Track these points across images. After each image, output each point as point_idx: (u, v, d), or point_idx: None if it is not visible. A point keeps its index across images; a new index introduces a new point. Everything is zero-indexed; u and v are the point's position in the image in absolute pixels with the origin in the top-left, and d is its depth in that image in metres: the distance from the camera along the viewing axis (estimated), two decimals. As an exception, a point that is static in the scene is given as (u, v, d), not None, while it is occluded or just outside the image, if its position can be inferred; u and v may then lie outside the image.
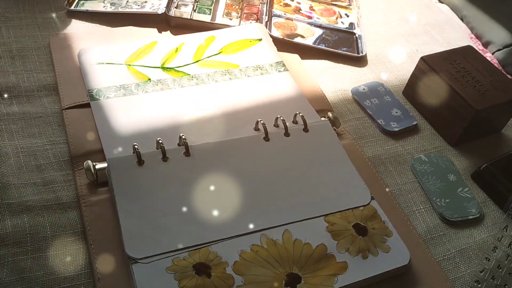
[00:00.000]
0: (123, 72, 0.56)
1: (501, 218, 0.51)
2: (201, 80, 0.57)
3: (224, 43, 0.62)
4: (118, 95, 0.54)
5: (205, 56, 0.60)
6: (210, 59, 0.60)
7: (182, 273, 0.39)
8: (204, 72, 0.58)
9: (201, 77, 0.57)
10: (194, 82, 0.56)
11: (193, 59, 0.59)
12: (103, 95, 0.53)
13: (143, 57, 0.59)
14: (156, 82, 0.56)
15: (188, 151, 0.47)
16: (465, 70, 0.58)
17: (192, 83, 0.56)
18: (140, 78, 0.56)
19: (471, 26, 0.78)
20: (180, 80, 0.56)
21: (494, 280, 0.44)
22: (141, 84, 0.55)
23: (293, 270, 0.41)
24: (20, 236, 0.41)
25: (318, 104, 0.58)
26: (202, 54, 0.60)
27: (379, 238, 0.44)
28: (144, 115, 0.52)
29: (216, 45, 0.62)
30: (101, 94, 0.53)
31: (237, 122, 0.53)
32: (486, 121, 0.57)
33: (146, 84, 0.55)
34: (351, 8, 0.77)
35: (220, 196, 0.45)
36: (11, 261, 0.40)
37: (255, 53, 0.62)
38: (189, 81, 0.56)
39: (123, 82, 0.55)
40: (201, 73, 0.58)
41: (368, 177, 0.50)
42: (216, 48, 0.62)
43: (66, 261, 0.41)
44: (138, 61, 0.58)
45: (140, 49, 0.59)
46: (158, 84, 0.56)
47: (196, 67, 0.59)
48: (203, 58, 0.60)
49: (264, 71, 0.60)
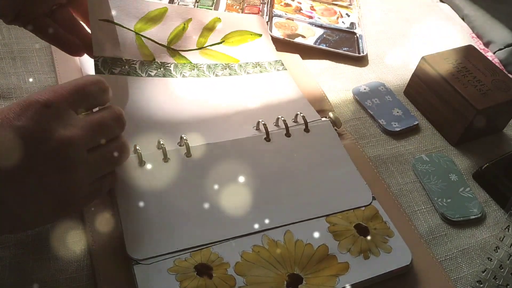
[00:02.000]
0: (130, 41, 0.55)
1: (503, 218, 0.51)
2: (202, 71, 0.57)
3: (227, 30, 0.62)
4: (122, 71, 0.52)
5: (208, 44, 0.60)
6: (212, 48, 0.60)
7: (183, 274, 0.39)
8: (206, 62, 0.58)
9: (202, 69, 0.57)
10: (195, 73, 0.56)
11: (197, 45, 0.59)
12: (107, 69, 0.51)
13: (152, 26, 0.57)
14: (160, 65, 0.55)
15: (189, 152, 0.47)
16: (466, 69, 0.58)
17: (193, 73, 0.56)
18: (146, 55, 0.55)
19: (472, 25, 0.78)
20: (182, 68, 0.56)
21: (496, 280, 0.44)
22: (146, 64, 0.54)
23: (294, 270, 0.41)
24: (21, 237, 0.41)
25: (319, 104, 0.58)
26: (206, 40, 0.60)
27: (380, 239, 0.44)
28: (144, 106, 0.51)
29: (220, 31, 0.61)
30: (106, 67, 0.51)
31: (237, 120, 0.53)
32: (488, 121, 0.57)
33: (150, 65, 0.55)
34: (352, 8, 0.77)
35: (221, 197, 0.45)
36: (12, 262, 0.40)
37: (255, 49, 0.62)
38: (190, 71, 0.56)
39: (129, 57, 0.54)
40: (203, 63, 0.58)
41: (369, 177, 0.50)
42: (219, 35, 0.61)
43: (67, 262, 0.41)
44: (147, 31, 0.56)
45: (150, 13, 0.57)
46: (161, 68, 0.55)
47: (199, 55, 0.58)
48: (206, 45, 0.60)
49: (263, 69, 0.60)
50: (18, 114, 0.34)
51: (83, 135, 0.36)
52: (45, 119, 0.35)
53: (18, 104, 0.35)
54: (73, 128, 0.36)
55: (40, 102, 0.35)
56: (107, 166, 0.40)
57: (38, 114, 0.34)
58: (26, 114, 0.34)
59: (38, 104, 0.35)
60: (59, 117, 0.35)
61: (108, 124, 0.39)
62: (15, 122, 0.34)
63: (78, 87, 0.38)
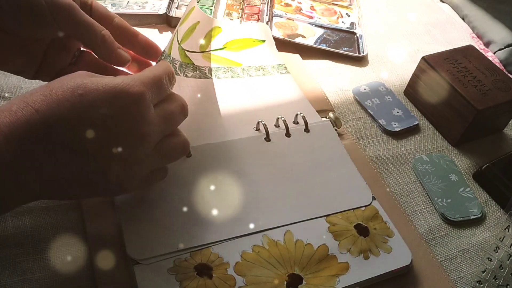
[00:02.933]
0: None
1: (503, 218, 0.51)
2: (204, 73, 0.57)
3: (228, 38, 0.62)
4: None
5: (210, 49, 0.60)
6: (214, 53, 0.60)
7: (183, 274, 0.39)
8: (208, 66, 0.58)
9: (205, 71, 0.57)
10: (197, 74, 0.56)
11: (200, 48, 0.59)
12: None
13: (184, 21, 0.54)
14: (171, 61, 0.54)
15: (190, 152, 0.47)
16: (466, 69, 0.58)
17: (196, 74, 0.56)
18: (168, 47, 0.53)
19: (473, 25, 0.78)
20: (185, 68, 0.56)
21: (496, 280, 0.44)
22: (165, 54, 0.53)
23: (294, 270, 0.41)
24: (21, 237, 0.41)
25: (319, 104, 0.58)
26: (208, 45, 0.60)
27: (380, 239, 0.44)
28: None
29: (221, 39, 0.61)
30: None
31: (238, 121, 0.53)
32: (488, 121, 0.57)
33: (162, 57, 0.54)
34: (352, 8, 0.77)
35: (221, 197, 0.45)
36: (13, 262, 0.40)
37: (258, 54, 0.62)
38: (193, 72, 0.56)
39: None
40: (205, 66, 0.58)
41: (369, 177, 0.50)
42: (221, 42, 0.61)
43: (67, 262, 0.41)
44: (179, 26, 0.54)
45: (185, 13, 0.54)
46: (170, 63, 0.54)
47: (201, 58, 0.58)
48: (208, 50, 0.60)
49: (266, 72, 0.60)
50: (108, 101, 0.34)
51: (157, 131, 0.37)
52: (133, 113, 0.35)
53: (107, 90, 0.34)
54: (151, 125, 0.36)
55: (131, 95, 0.35)
56: (166, 161, 0.41)
57: (128, 106, 0.35)
58: (116, 103, 0.34)
59: (129, 96, 0.35)
60: (143, 114, 0.36)
61: (176, 116, 0.40)
62: (104, 110, 0.34)
63: (157, 78, 0.38)
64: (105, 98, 0.34)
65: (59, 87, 0.34)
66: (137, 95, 0.35)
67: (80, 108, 0.33)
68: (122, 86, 0.35)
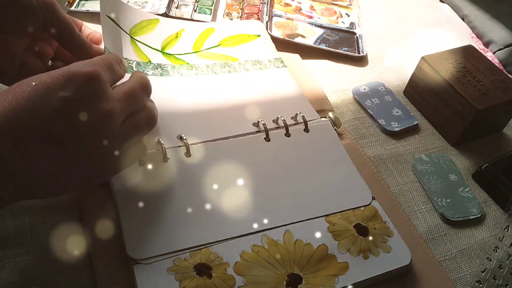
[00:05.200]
0: (126, 43, 0.55)
1: (502, 218, 0.51)
2: (200, 70, 0.57)
3: (223, 36, 0.62)
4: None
5: (205, 48, 0.60)
6: (209, 50, 0.60)
7: (183, 274, 0.39)
8: (204, 63, 0.58)
9: (201, 68, 0.57)
10: (194, 72, 0.56)
11: (193, 49, 0.59)
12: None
13: (145, 33, 0.58)
14: (156, 66, 0.55)
15: (189, 151, 0.47)
16: (466, 69, 0.58)
17: (192, 73, 0.56)
18: (142, 57, 0.55)
19: (472, 25, 0.78)
20: (179, 68, 0.56)
21: (496, 280, 0.44)
22: (142, 64, 0.55)
23: (294, 270, 0.41)
24: (21, 237, 0.42)
25: (319, 104, 0.58)
26: (202, 45, 0.60)
27: (380, 238, 0.44)
28: None
29: (215, 37, 0.62)
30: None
31: (236, 117, 0.53)
32: (487, 121, 0.57)
33: (146, 66, 0.55)
34: (352, 8, 0.77)
35: (221, 196, 0.45)
36: (12, 262, 0.40)
37: (254, 48, 0.62)
38: (188, 71, 0.56)
39: (125, 56, 0.54)
40: (201, 63, 0.58)
41: (369, 177, 0.50)
42: (215, 40, 0.61)
43: (67, 262, 0.41)
44: (140, 36, 0.57)
45: (144, 23, 0.59)
46: (158, 68, 0.55)
47: (196, 57, 0.59)
48: (202, 49, 0.60)
49: (263, 66, 0.60)
50: (63, 85, 0.35)
51: (121, 108, 0.38)
52: (90, 91, 0.36)
53: (60, 74, 0.35)
54: (112, 101, 0.37)
55: (85, 74, 0.36)
56: (136, 136, 0.41)
57: (84, 85, 0.35)
58: (72, 85, 0.35)
59: (83, 76, 0.35)
60: (101, 91, 0.36)
61: (138, 93, 0.41)
62: (61, 93, 0.34)
63: (108, 61, 0.39)
64: (59, 82, 0.35)
65: (16, 85, 0.35)
66: (90, 74, 0.36)
67: (36, 96, 0.34)
68: (74, 69, 0.36)
